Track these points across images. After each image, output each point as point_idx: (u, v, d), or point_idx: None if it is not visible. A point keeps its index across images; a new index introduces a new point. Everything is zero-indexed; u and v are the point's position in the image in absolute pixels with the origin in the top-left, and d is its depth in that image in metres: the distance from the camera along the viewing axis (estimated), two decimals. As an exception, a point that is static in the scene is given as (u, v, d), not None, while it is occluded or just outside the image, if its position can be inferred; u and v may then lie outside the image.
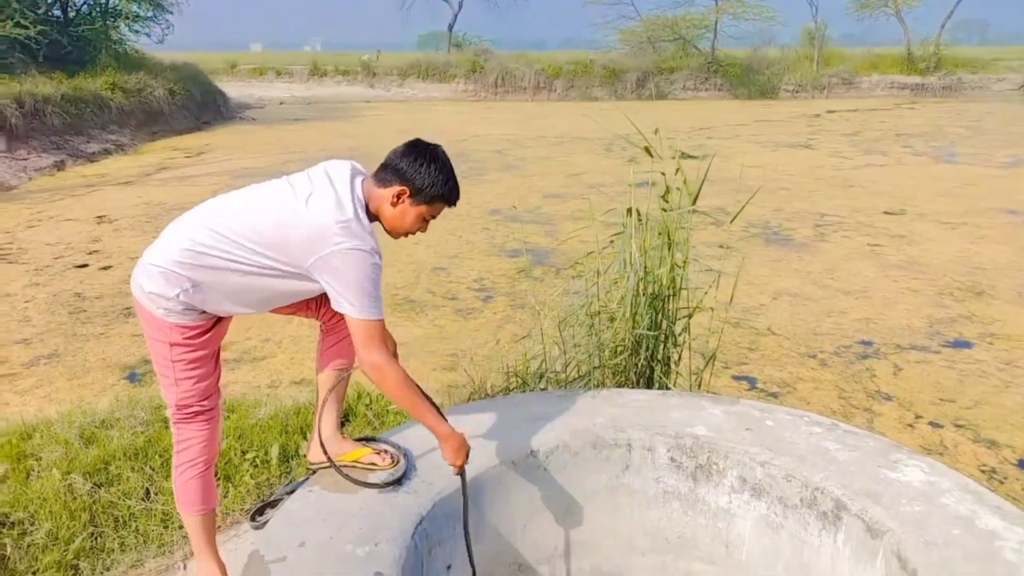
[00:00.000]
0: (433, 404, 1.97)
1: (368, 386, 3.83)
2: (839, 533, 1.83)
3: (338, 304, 1.89)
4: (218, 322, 2.09)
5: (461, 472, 1.90)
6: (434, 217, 2.07)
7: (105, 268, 6.45)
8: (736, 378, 4.72)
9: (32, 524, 2.35)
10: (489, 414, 2.23)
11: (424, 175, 1.97)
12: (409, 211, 2.00)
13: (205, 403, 2.10)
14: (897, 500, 1.78)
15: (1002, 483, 3.44)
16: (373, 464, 2.18)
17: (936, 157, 12.58)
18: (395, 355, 2.17)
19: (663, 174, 2.52)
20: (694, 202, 2.51)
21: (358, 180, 1.98)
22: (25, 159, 11.58)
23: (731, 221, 2.71)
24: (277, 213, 1.90)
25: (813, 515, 1.88)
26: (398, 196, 1.96)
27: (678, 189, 2.55)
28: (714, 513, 2.08)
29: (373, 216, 1.99)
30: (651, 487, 2.13)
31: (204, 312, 2.01)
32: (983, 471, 3.55)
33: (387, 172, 1.98)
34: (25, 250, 7.25)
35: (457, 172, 2.05)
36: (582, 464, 2.11)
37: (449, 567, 1.90)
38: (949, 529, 1.67)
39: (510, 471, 2.03)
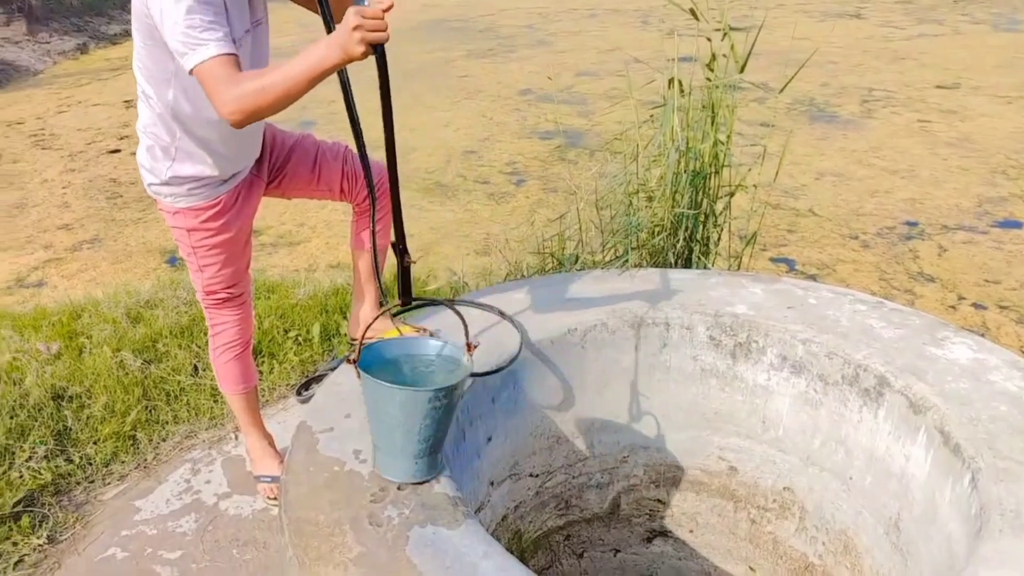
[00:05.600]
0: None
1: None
2: (880, 409, 1.82)
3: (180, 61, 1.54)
4: (236, 203, 2.01)
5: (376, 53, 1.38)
6: None
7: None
8: (774, 260, 4.66)
9: (89, 398, 2.46)
10: (526, 293, 2.22)
11: None
12: None
13: (232, 290, 2.09)
14: (942, 377, 1.76)
15: (1044, 363, 3.40)
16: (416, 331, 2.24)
17: (996, 25, 11.79)
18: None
19: (708, 40, 2.38)
20: (742, 70, 2.37)
21: None
22: (47, 42, 11.41)
23: (780, 91, 2.57)
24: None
25: (854, 392, 1.87)
26: None
27: (724, 56, 2.40)
28: (752, 390, 2.09)
29: None
30: (688, 365, 2.13)
31: (206, 186, 1.92)
32: (1025, 351, 3.51)
33: None
34: (57, 136, 7.26)
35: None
36: (620, 342, 2.11)
37: (489, 439, 1.95)
38: (995, 405, 1.65)
39: (548, 348, 2.03)
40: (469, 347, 1.54)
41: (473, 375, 1.79)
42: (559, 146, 6.55)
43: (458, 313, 1.63)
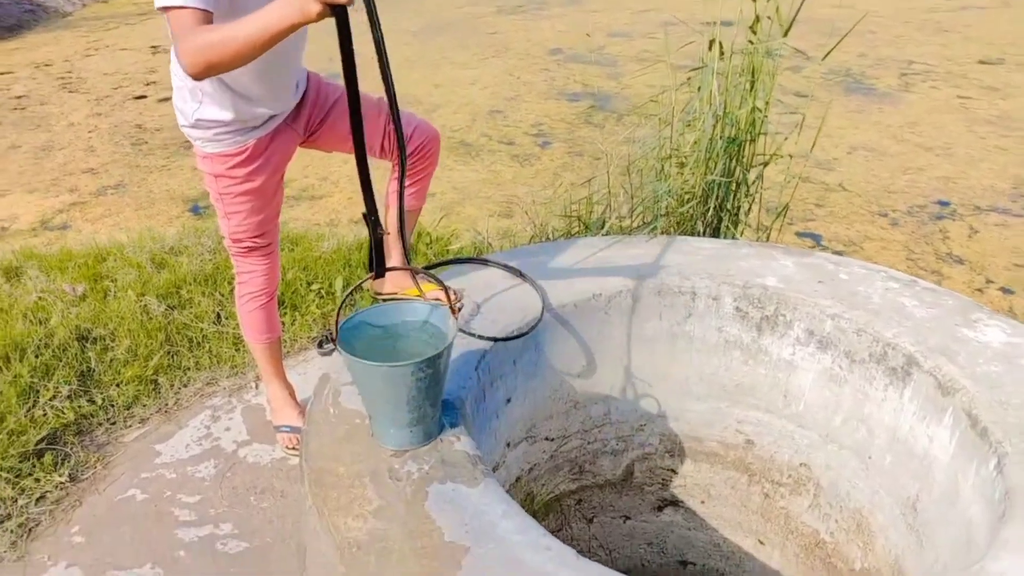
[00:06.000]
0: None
1: (427, 224, 3.83)
2: (906, 389, 1.79)
3: None
4: (265, 152, 1.97)
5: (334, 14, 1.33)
6: None
7: (163, 100, 6.43)
8: (800, 235, 4.59)
9: (112, 340, 2.48)
10: (551, 255, 2.20)
11: None
12: None
13: (259, 239, 2.08)
14: (973, 359, 1.72)
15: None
16: (437, 299, 2.22)
17: (1046, 1, 11.38)
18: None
19: (754, 0, 2.29)
20: (785, 34, 2.30)
21: None
22: (77, -16, 11.34)
23: (823, 59, 2.49)
24: None
25: (881, 370, 1.84)
26: None
27: (769, 18, 2.33)
28: (775, 364, 2.06)
29: None
30: (713, 335, 2.10)
31: (234, 132, 1.89)
32: (1054, 338, 3.45)
33: None
34: (84, 79, 7.25)
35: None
36: (644, 309, 2.08)
37: (508, 400, 1.94)
38: (1027, 391, 1.62)
39: (572, 312, 2.01)
40: (453, 311, 1.50)
41: (494, 339, 1.78)
42: (587, 109, 6.46)
43: (436, 279, 1.60)
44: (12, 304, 2.60)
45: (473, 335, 1.78)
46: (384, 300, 2.10)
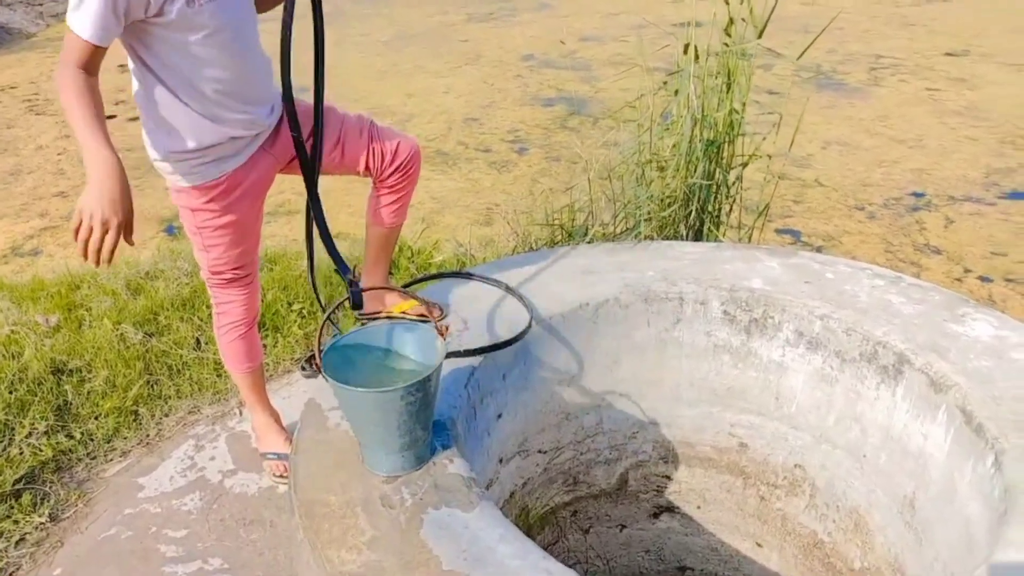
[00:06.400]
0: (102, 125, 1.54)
1: (409, 239, 3.80)
2: (899, 387, 1.79)
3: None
4: (243, 183, 1.90)
5: (98, 243, 1.44)
6: None
7: (132, 119, 6.33)
8: (780, 231, 4.61)
9: (90, 372, 2.41)
10: (535, 266, 2.17)
11: None
12: None
13: (239, 271, 2.03)
14: (964, 354, 1.72)
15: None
16: (422, 316, 2.18)
17: (1006, -9, 11.57)
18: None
19: (727, 2, 2.29)
20: (760, 35, 2.30)
21: None
22: (40, 5, 11.18)
23: (799, 57, 2.49)
24: None
25: (872, 369, 1.84)
26: None
27: (743, 20, 2.32)
28: (766, 366, 2.05)
29: None
30: (701, 340, 2.09)
31: (209, 163, 1.83)
32: (1035, 325, 3.48)
33: None
34: (51, 101, 7.13)
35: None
36: (632, 317, 2.07)
37: (499, 415, 1.91)
38: (1020, 384, 1.62)
39: (560, 323, 1.99)
40: (441, 332, 1.45)
41: (481, 350, 1.75)
42: (562, 114, 6.46)
43: (416, 297, 1.57)
44: None
45: (460, 352, 1.74)
46: (366, 320, 2.06)
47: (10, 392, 2.26)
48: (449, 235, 4.46)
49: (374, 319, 2.09)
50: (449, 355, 1.69)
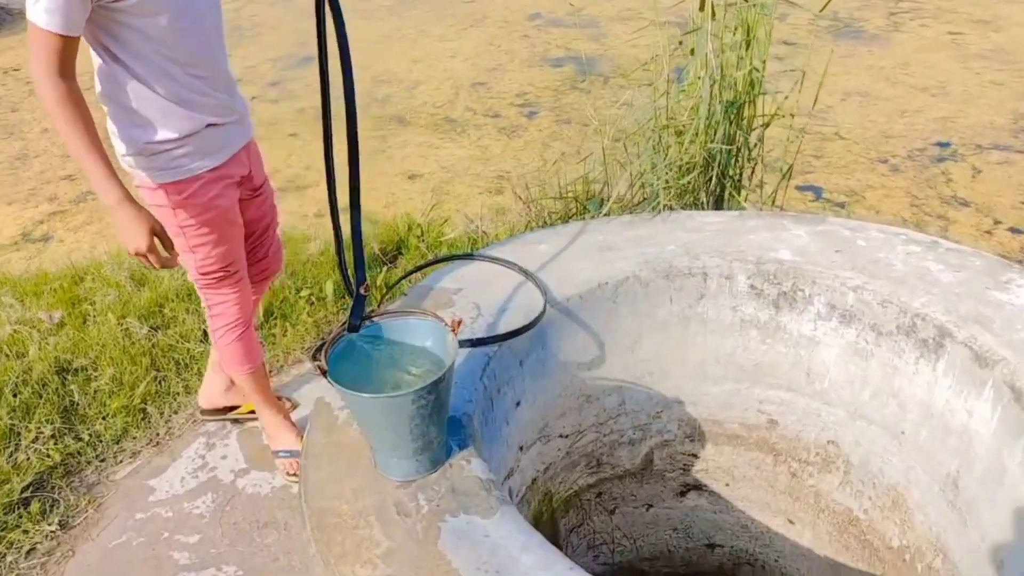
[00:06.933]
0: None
1: (418, 213, 3.69)
2: (940, 362, 1.68)
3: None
4: (224, 177, 1.85)
5: (150, 264, 1.65)
6: None
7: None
8: (800, 188, 4.46)
9: (95, 370, 2.34)
10: (550, 244, 2.07)
11: None
12: None
13: (229, 268, 1.94)
14: (1010, 325, 1.61)
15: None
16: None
17: (1029, -75, 11.08)
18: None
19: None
20: (783, -12, 2.15)
21: None
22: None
23: (821, 9, 2.34)
24: None
25: (910, 343, 1.74)
26: None
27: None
28: (796, 341, 1.95)
29: None
30: (727, 316, 1.99)
31: (190, 155, 1.76)
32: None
33: None
34: (52, 83, 7.01)
35: None
36: (653, 295, 1.97)
37: (518, 403, 1.84)
38: (1073, 357, 1.51)
39: (577, 304, 1.90)
40: (453, 326, 1.36)
41: (493, 339, 1.66)
42: (571, 74, 6.27)
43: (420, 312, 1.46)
44: None
45: (472, 341, 1.65)
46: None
47: (14, 395, 2.20)
48: (460, 205, 4.36)
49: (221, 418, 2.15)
50: (462, 343, 1.60)
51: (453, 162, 4.98)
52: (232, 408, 2.30)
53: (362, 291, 1.37)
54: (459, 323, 1.34)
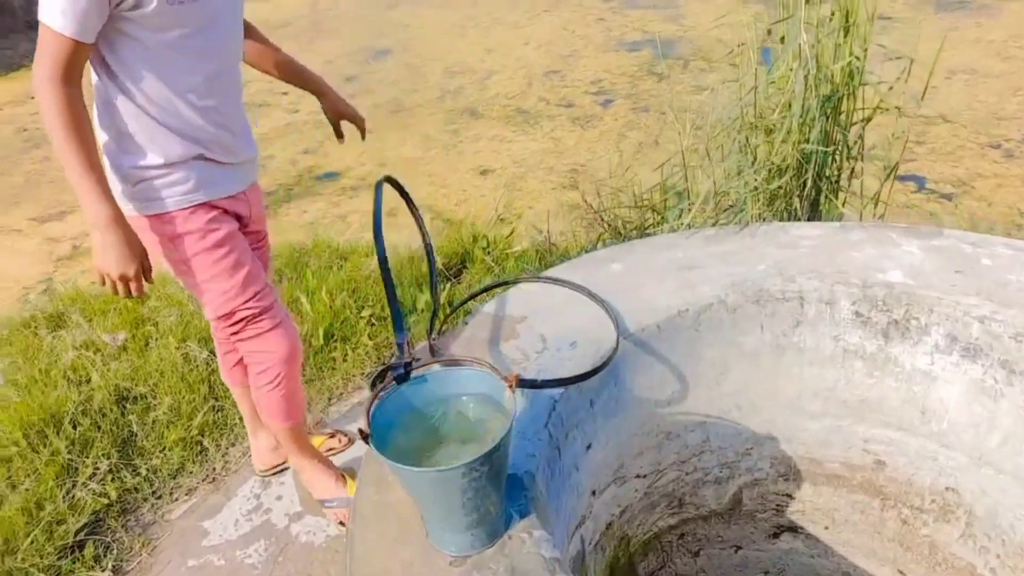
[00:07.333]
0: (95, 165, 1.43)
1: (484, 222, 3.55)
2: (1092, 410, 1.42)
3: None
4: (220, 207, 1.66)
5: (127, 292, 1.47)
6: None
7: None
8: (901, 179, 4.10)
9: (154, 398, 2.29)
10: (624, 263, 1.88)
11: None
12: None
13: (253, 303, 1.66)
14: None
15: None
16: (331, 450, 2.10)
17: None
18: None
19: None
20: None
21: None
22: None
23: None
24: None
25: (1053, 386, 1.48)
26: None
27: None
28: (909, 376, 1.71)
29: None
30: (827, 345, 1.76)
31: (176, 183, 1.59)
32: None
33: None
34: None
35: None
36: (741, 322, 1.76)
37: (589, 446, 1.66)
38: None
39: (655, 335, 1.71)
40: (511, 382, 1.18)
41: (551, 384, 1.47)
42: (649, 58, 5.99)
43: (446, 359, 1.27)
44: (51, 364, 2.42)
45: (536, 383, 1.48)
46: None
47: (74, 427, 2.16)
48: (532, 202, 4.20)
49: (280, 471, 2.13)
50: (524, 384, 1.44)
51: (525, 156, 4.82)
52: (286, 460, 2.19)
53: (405, 341, 1.22)
54: (516, 378, 1.18)
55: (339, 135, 2.02)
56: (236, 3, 1.64)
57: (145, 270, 1.49)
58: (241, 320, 1.67)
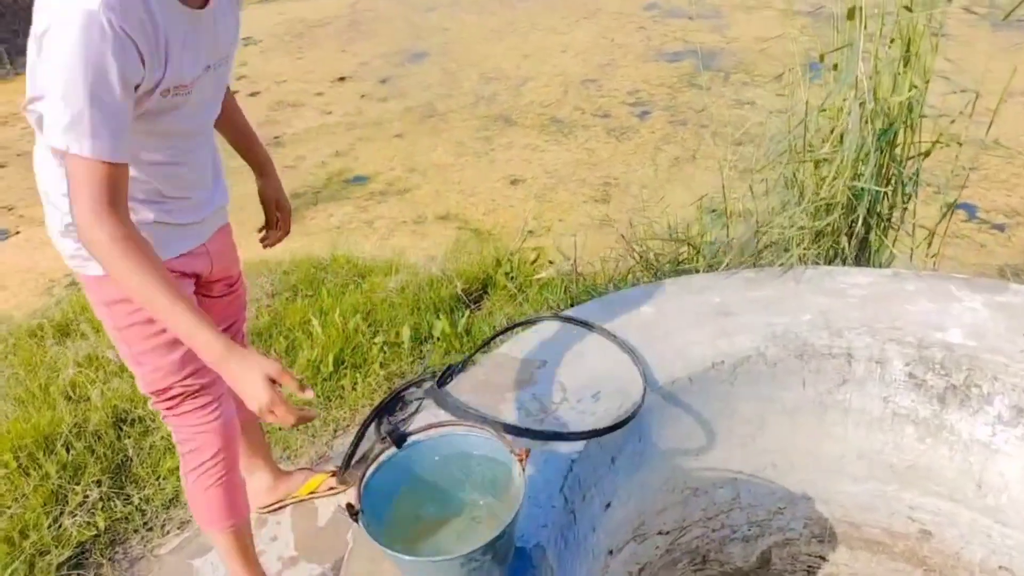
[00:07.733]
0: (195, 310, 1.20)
1: (510, 243, 3.43)
2: None
3: (49, 130, 1.17)
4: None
5: (288, 422, 1.18)
6: None
7: (253, 94, 6.24)
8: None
9: (152, 421, 2.19)
10: (656, 305, 1.75)
11: None
12: None
13: (190, 381, 1.49)
14: None
15: None
16: (332, 488, 2.03)
17: None
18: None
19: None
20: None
21: None
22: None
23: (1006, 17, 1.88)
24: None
25: None
26: None
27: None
28: (966, 445, 1.56)
29: None
30: (876, 407, 1.61)
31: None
32: None
33: None
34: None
35: None
36: (782, 376, 1.62)
37: (608, 505, 1.54)
38: None
39: (686, 388, 1.58)
40: (521, 456, 1.07)
41: (567, 437, 1.35)
42: (689, 69, 5.83)
43: (478, 418, 1.13)
44: (51, 379, 2.31)
45: (552, 435, 1.36)
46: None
47: (67, 450, 2.06)
48: (562, 214, 4.08)
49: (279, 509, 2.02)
50: (537, 436, 1.32)
51: (558, 166, 4.70)
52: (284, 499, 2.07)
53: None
54: (527, 453, 1.05)
55: (270, 224, 1.79)
56: (223, 80, 1.48)
57: (290, 383, 1.19)
58: (177, 396, 1.50)
